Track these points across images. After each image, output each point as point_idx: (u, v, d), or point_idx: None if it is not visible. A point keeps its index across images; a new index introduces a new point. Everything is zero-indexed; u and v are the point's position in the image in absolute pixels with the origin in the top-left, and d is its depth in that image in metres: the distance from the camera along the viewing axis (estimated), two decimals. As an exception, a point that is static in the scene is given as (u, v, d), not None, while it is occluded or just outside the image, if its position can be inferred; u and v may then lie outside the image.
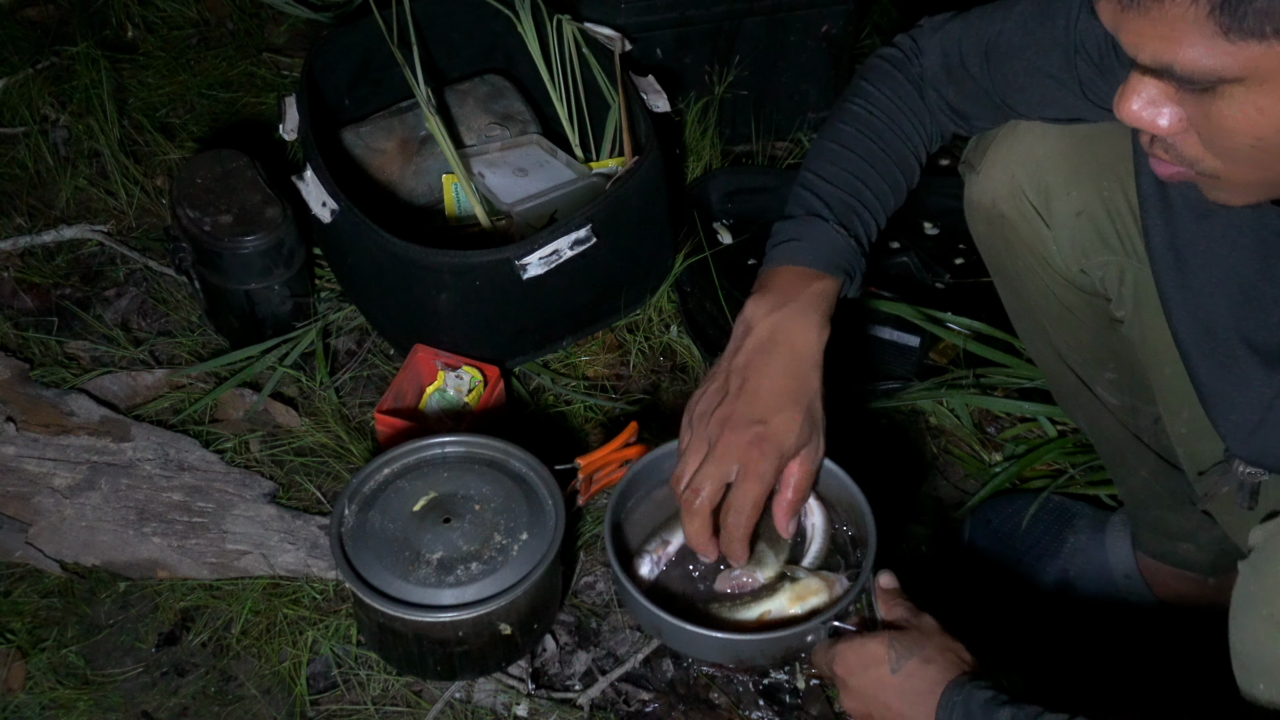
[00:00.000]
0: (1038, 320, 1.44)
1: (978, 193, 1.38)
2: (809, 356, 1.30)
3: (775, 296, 1.31)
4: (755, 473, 1.28)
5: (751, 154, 2.24)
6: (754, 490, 1.29)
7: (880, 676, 1.22)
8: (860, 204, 1.35)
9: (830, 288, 1.32)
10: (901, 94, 1.37)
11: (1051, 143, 1.31)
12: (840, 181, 1.35)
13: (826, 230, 1.33)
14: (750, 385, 1.29)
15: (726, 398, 1.30)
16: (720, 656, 1.43)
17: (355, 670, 1.56)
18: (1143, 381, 1.36)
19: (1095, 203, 1.29)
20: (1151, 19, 0.86)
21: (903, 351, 1.85)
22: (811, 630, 1.31)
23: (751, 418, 1.28)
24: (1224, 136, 0.91)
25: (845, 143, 1.37)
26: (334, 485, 1.75)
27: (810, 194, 1.35)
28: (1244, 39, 0.84)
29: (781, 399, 1.29)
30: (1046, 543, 1.65)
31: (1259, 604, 1.03)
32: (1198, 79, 0.88)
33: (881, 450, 1.82)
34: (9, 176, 2.19)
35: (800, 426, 1.29)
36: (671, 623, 1.32)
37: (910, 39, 1.38)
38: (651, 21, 2.10)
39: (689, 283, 1.95)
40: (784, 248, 1.34)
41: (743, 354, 1.31)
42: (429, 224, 2.01)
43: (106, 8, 2.50)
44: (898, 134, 1.37)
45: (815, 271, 1.32)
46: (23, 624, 1.61)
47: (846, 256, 1.33)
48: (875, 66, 1.39)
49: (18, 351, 1.91)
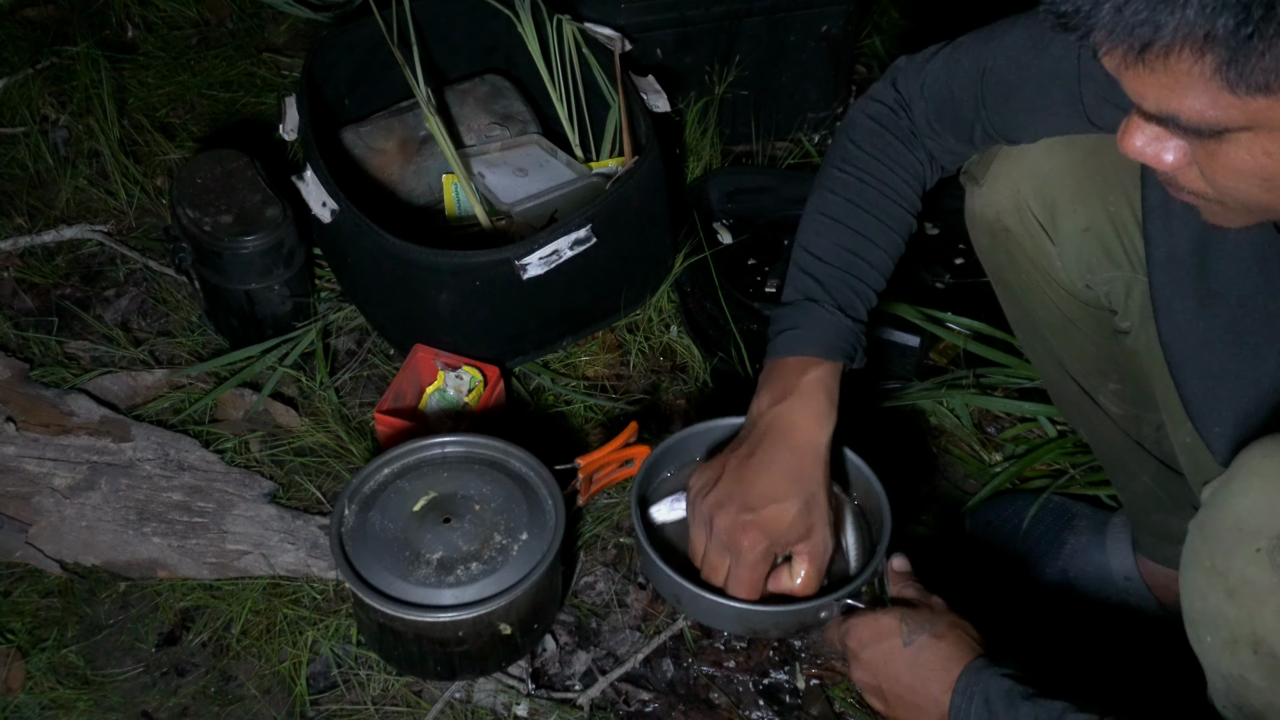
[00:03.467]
0: (1040, 331, 1.43)
1: (981, 205, 1.37)
2: (810, 450, 1.33)
3: (777, 390, 1.34)
4: (745, 561, 1.32)
5: (751, 154, 2.24)
6: (744, 578, 1.33)
7: (891, 649, 1.24)
8: (857, 279, 1.36)
9: (831, 373, 1.34)
10: (891, 153, 1.37)
11: (1057, 157, 1.30)
12: (832, 257, 1.36)
13: (823, 315, 1.34)
14: (747, 477, 1.32)
15: (721, 483, 1.33)
16: (736, 626, 1.45)
17: (355, 670, 1.56)
18: (1146, 391, 1.36)
19: (1101, 218, 1.28)
20: (1156, 73, 0.86)
21: (903, 351, 1.85)
22: (825, 606, 1.34)
23: (744, 505, 1.31)
24: (1230, 177, 0.92)
25: (837, 215, 1.37)
26: (334, 485, 1.75)
27: (807, 276, 1.37)
28: (1250, 94, 0.84)
29: (777, 491, 1.31)
30: (1046, 543, 1.65)
31: (1201, 556, 1.04)
32: (1204, 129, 0.88)
33: (882, 450, 1.81)
34: (9, 176, 2.19)
35: (794, 518, 1.31)
36: (690, 590, 1.34)
37: (893, 89, 1.38)
38: (651, 21, 2.10)
39: (689, 283, 1.95)
40: (783, 338, 1.36)
41: (745, 446, 1.34)
42: (429, 224, 2.01)
43: (106, 8, 2.50)
44: (890, 196, 1.38)
45: (815, 359, 1.34)
46: (23, 624, 1.61)
47: (846, 338, 1.35)
48: (860, 125, 1.39)
49: (18, 351, 1.91)
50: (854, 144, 1.38)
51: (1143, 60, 0.85)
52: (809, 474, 1.32)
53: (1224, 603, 1.02)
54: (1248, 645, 1.01)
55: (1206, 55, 0.83)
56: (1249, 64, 0.82)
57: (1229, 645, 1.03)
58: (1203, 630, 1.06)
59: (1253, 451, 1.02)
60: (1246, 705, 1.05)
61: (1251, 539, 0.99)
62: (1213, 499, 1.04)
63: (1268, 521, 0.98)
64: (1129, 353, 1.35)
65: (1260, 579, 0.98)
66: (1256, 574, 0.99)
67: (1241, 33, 0.81)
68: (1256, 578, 0.99)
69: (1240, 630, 1.01)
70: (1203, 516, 1.05)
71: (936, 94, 1.34)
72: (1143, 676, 1.56)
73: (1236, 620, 1.01)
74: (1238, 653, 1.02)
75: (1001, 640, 1.49)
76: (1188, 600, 1.07)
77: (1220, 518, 1.02)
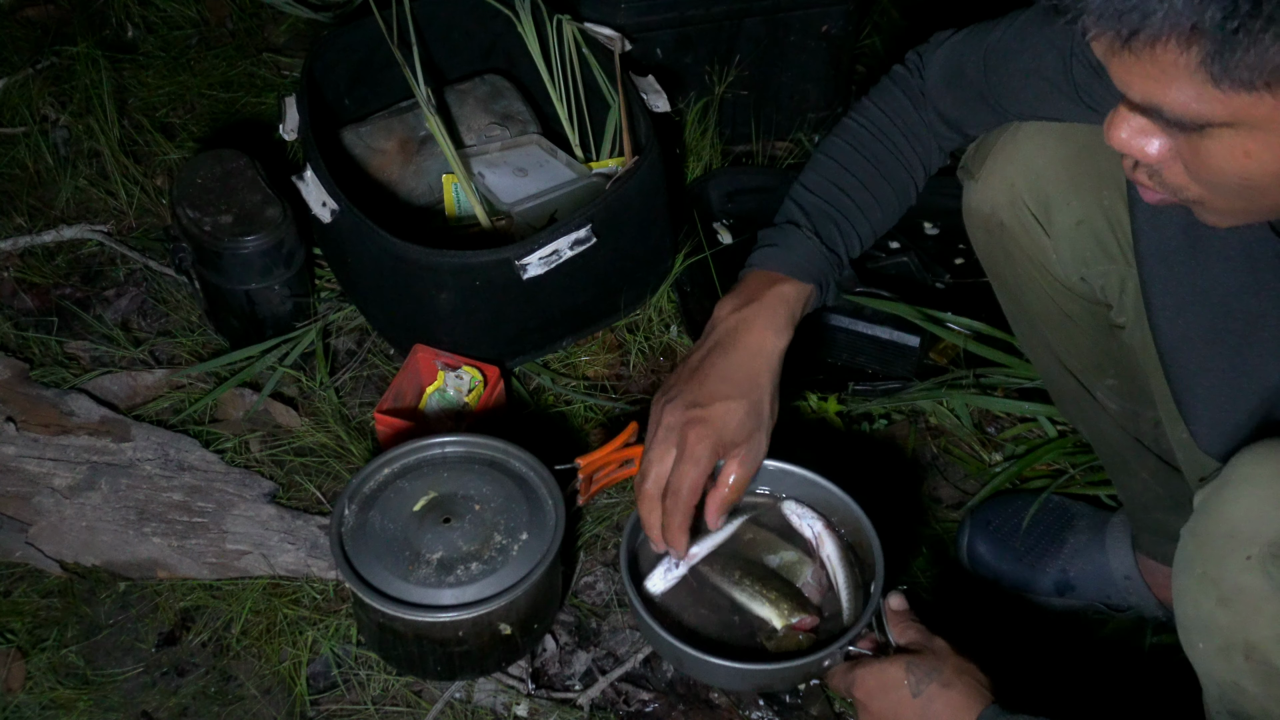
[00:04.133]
0: (1037, 326, 1.44)
1: (977, 200, 1.38)
2: (763, 356, 1.34)
3: (741, 297, 1.37)
4: (690, 455, 1.32)
5: (751, 154, 2.24)
6: (689, 473, 1.32)
7: (900, 700, 1.23)
8: (839, 213, 1.39)
9: (796, 292, 1.36)
10: (897, 109, 1.40)
11: (1051, 151, 1.31)
12: (822, 191, 1.40)
13: (800, 237, 1.37)
14: (700, 375, 1.33)
15: (676, 384, 1.34)
16: (740, 684, 1.46)
17: (355, 670, 1.56)
18: (1143, 387, 1.36)
19: (1095, 212, 1.29)
20: (1143, 61, 0.86)
21: (903, 351, 1.85)
22: (829, 655, 1.33)
23: (693, 401, 1.32)
24: (1211, 173, 0.92)
25: (834, 155, 1.41)
26: (334, 485, 1.75)
27: (793, 203, 1.41)
28: (1234, 89, 0.84)
29: (726, 389, 1.32)
30: (1046, 543, 1.65)
31: (1194, 563, 1.04)
32: (1186, 122, 0.89)
33: (882, 450, 1.82)
34: (9, 176, 2.19)
35: (741, 419, 1.32)
36: (692, 654, 1.33)
37: (917, 54, 1.42)
38: (651, 21, 2.10)
39: (689, 283, 1.95)
40: (758, 252, 1.40)
41: (703, 349, 1.36)
42: (429, 224, 2.01)
43: (106, 8, 2.50)
44: (888, 148, 1.40)
45: (783, 276, 1.36)
46: (23, 624, 1.61)
47: (818, 264, 1.37)
48: (881, 83, 1.43)
49: (18, 351, 1.91)
50: (870, 99, 1.43)
51: (1129, 48, 0.86)
52: (759, 379, 1.34)
53: (1217, 610, 1.02)
54: (1241, 652, 1.01)
55: (1193, 47, 0.83)
56: (1234, 58, 0.83)
57: (1222, 652, 1.03)
58: (1196, 637, 1.06)
59: (1244, 457, 1.02)
60: (1241, 712, 1.05)
61: (1244, 546, 0.99)
62: (1205, 505, 1.04)
63: (1260, 528, 0.99)
64: (1125, 348, 1.35)
65: (1253, 586, 0.98)
66: (1249, 581, 0.99)
67: (1228, 26, 0.81)
68: (1249, 585, 0.99)
69: (1233, 637, 1.01)
70: (1195, 523, 1.05)
71: (949, 61, 1.37)
72: (1142, 676, 1.56)
73: (1229, 627, 1.01)
74: (1231, 660, 1.02)
75: (1001, 641, 1.49)
76: (1181, 607, 1.07)
77: (1212, 524, 1.03)
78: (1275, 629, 0.99)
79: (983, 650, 1.27)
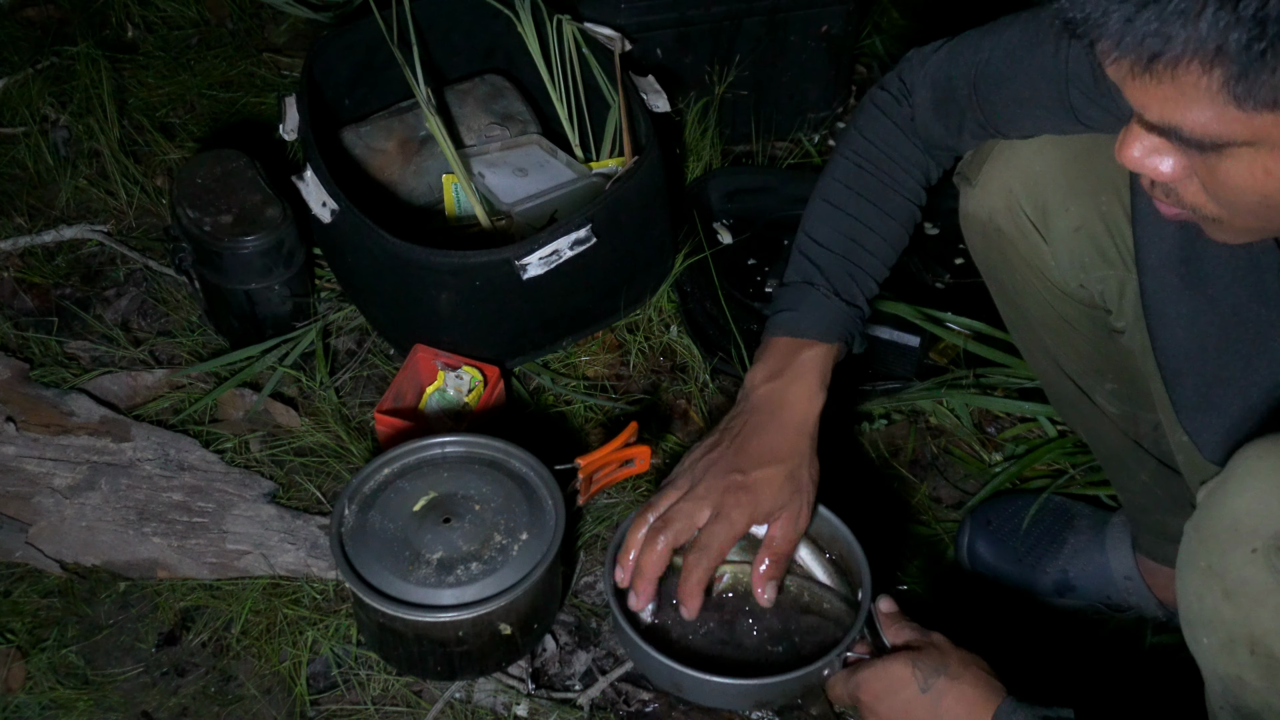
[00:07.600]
0: (1035, 331, 1.43)
1: (974, 206, 1.38)
2: (800, 423, 1.37)
3: (772, 366, 1.38)
4: (726, 516, 1.33)
5: (751, 154, 2.24)
6: (722, 532, 1.33)
7: (910, 698, 1.23)
8: (855, 265, 1.40)
9: (824, 354, 1.38)
10: (888, 139, 1.41)
11: (1048, 157, 1.30)
12: (831, 243, 1.40)
13: (818, 298, 1.38)
14: (739, 442, 1.35)
15: (716, 449, 1.36)
16: (740, 703, 1.45)
17: (355, 670, 1.56)
18: (1143, 390, 1.36)
19: (1093, 218, 1.28)
20: (1163, 84, 0.85)
21: (903, 351, 1.85)
22: (828, 664, 1.32)
23: (734, 467, 1.34)
24: (1229, 192, 0.91)
25: (836, 201, 1.41)
26: (334, 485, 1.75)
27: (805, 259, 1.41)
28: (1256, 109, 0.83)
29: (766, 457, 1.35)
30: (1046, 543, 1.65)
31: (1197, 557, 1.04)
32: (1205, 142, 0.87)
33: (881, 451, 1.82)
34: (9, 176, 2.19)
35: (781, 486, 1.34)
36: (691, 675, 1.32)
37: (898, 79, 1.41)
38: (651, 21, 2.10)
39: (689, 283, 1.95)
40: (780, 318, 1.40)
41: (739, 417, 1.38)
42: (429, 224, 2.01)
43: (106, 8, 2.50)
44: (890, 185, 1.41)
45: (809, 341, 1.38)
46: (23, 624, 1.61)
47: (841, 322, 1.39)
48: (866, 112, 1.43)
49: (18, 351, 1.91)
50: (858, 131, 1.42)
51: (1150, 71, 0.84)
52: (796, 447, 1.36)
53: (1221, 604, 1.02)
54: (1245, 645, 1.01)
55: (1215, 69, 0.82)
56: (1258, 80, 0.81)
57: (1226, 646, 1.03)
58: (1199, 631, 1.06)
59: (1248, 452, 1.02)
60: (1244, 706, 1.05)
61: (1248, 539, 0.99)
62: (1208, 499, 1.04)
63: (1264, 522, 0.98)
64: (1124, 352, 1.35)
65: (1257, 579, 0.98)
66: (1253, 574, 0.99)
67: (1254, 49, 0.80)
68: (1253, 578, 0.99)
69: (1237, 631, 1.01)
70: (1198, 517, 1.05)
71: (937, 83, 1.36)
72: (1143, 676, 1.56)
73: (1233, 621, 1.01)
74: (1235, 654, 1.02)
75: (1002, 641, 1.49)
76: (1184, 601, 1.07)
77: (1216, 518, 1.02)
78: (1279, 622, 0.99)
79: (983, 650, 1.27)
